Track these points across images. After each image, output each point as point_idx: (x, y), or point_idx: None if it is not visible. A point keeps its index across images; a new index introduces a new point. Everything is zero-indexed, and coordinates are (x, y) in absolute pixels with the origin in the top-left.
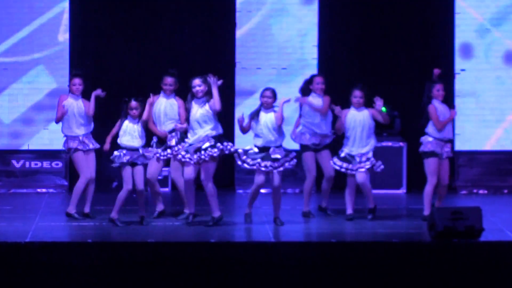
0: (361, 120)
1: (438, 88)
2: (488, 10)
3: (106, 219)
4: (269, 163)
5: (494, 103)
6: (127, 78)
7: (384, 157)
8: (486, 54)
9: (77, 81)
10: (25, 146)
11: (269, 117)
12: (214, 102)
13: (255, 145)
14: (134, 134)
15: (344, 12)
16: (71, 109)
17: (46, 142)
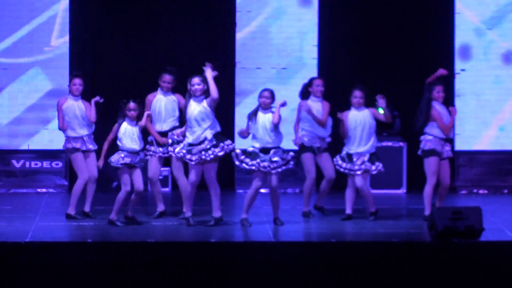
0: (362, 120)
1: (438, 90)
2: (487, 9)
3: (106, 220)
4: (267, 163)
5: (494, 103)
6: (127, 78)
7: (384, 157)
8: (485, 54)
9: (77, 81)
10: (25, 146)
11: (267, 117)
12: (210, 90)
13: (255, 147)
14: (134, 137)
15: (344, 12)
16: (72, 110)
17: (46, 142)
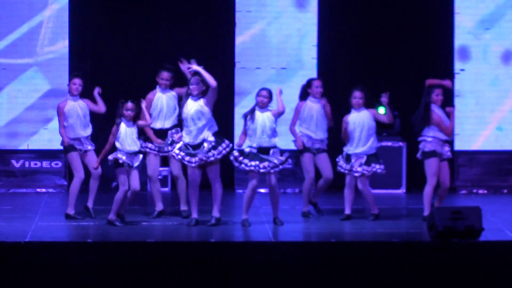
0: (360, 122)
1: (437, 93)
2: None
3: (106, 220)
4: (266, 164)
5: (494, 102)
6: (127, 78)
7: (383, 157)
8: (484, 54)
9: (77, 81)
10: (25, 146)
11: (266, 116)
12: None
13: (252, 147)
14: (133, 137)
15: (344, 12)
16: (75, 111)
17: (45, 142)
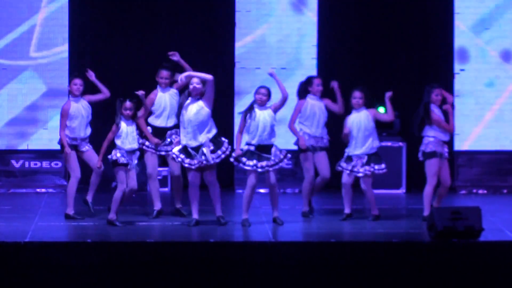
0: (358, 122)
1: (437, 93)
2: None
3: (105, 220)
4: (264, 163)
5: (494, 102)
6: (127, 78)
7: (383, 157)
8: (484, 54)
9: (78, 81)
10: (24, 146)
11: (266, 113)
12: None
13: (251, 144)
14: (133, 135)
15: (344, 12)
16: (80, 111)
17: (45, 142)
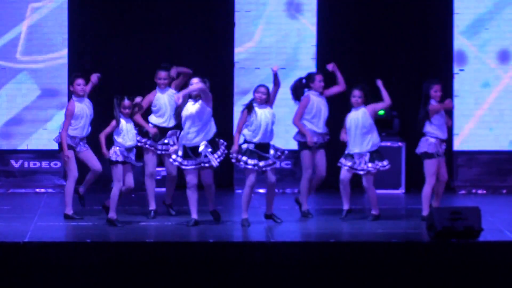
0: (355, 120)
1: (436, 89)
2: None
3: (104, 220)
4: (263, 163)
5: (493, 102)
6: (127, 78)
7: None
8: (483, 54)
9: (81, 82)
10: (24, 146)
11: (267, 111)
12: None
13: (251, 141)
14: (132, 132)
15: (343, 13)
16: (84, 111)
17: (44, 142)
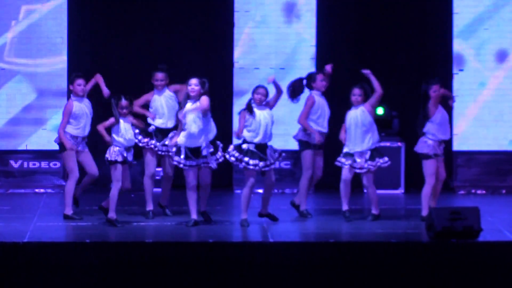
0: (355, 117)
1: (434, 89)
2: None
3: (104, 220)
4: (263, 163)
5: (492, 102)
6: (126, 79)
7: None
8: (482, 54)
9: (81, 82)
10: (23, 146)
11: (266, 112)
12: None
13: (252, 142)
14: (130, 132)
15: (342, 13)
16: (84, 111)
17: (44, 142)
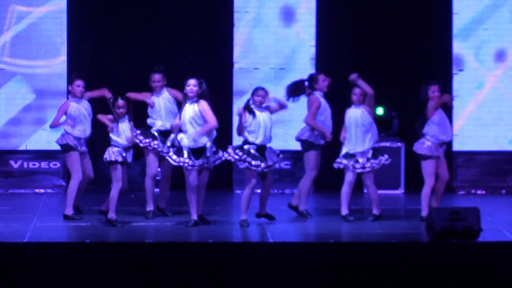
0: (355, 118)
1: (433, 90)
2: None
3: (104, 220)
4: (264, 164)
5: (492, 103)
6: (125, 79)
7: None
8: (482, 54)
9: (80, 83)
10: (23, 146)
11: (265, 114)
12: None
13: (253, 143)
14: (128, 132)
15: (342, 13)
16: (81, 111)
17: (43, 143)
